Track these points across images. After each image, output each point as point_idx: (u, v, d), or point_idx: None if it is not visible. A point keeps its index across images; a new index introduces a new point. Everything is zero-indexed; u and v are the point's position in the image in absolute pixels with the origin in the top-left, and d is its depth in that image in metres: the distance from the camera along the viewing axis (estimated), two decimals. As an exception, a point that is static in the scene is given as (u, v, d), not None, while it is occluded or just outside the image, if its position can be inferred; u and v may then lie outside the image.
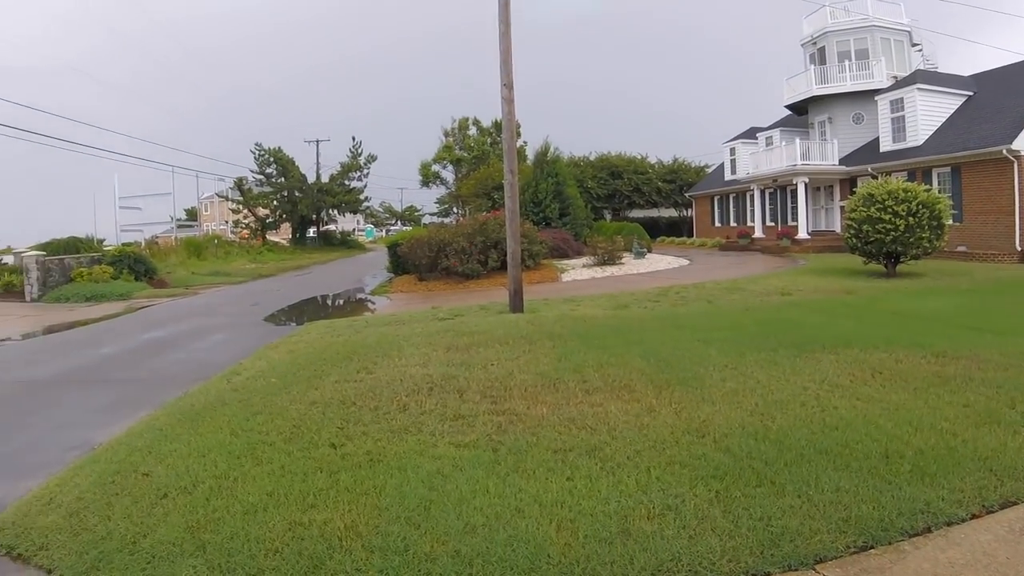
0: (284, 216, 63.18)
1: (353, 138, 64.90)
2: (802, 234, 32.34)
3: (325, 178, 64.50)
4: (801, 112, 37.42)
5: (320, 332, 12.87)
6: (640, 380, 7.25)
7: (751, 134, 41.29)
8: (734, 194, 42.68)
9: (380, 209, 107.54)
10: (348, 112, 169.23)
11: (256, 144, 61.08)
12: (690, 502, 4.32)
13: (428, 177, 67.03)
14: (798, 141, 32.93)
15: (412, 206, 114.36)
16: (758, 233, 36.79)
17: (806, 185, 32.74)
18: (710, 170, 51.49)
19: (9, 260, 32.98)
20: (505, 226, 15.46)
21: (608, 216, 51.53)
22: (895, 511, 4.15)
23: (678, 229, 51.12)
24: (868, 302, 13.64)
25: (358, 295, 24.41)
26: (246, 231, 63.53)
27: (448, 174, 66.37)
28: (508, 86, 14.19)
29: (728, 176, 43.03)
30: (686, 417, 5.96)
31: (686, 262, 28.55)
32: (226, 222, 77.73)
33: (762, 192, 37.74)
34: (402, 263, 25.31)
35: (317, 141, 67.21)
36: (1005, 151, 23.09)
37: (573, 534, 4.02)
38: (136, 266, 31.22)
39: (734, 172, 42.00)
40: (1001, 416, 5.79)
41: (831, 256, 27.28)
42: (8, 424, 8.75)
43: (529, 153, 39.54)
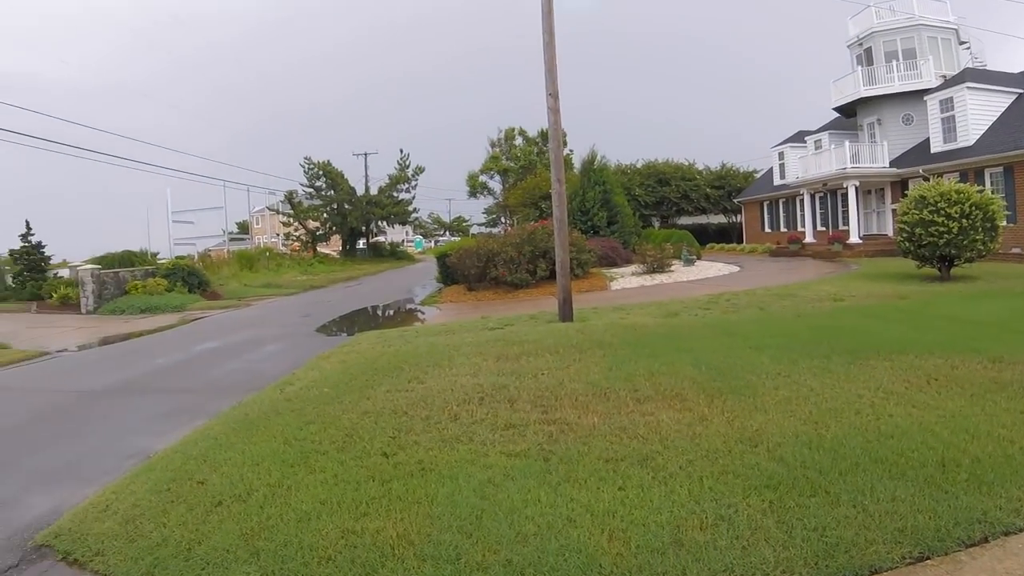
0: (334, 228, 63.71)
1: (401, 150, 65.53)
2: (853, 238, 31.80)
3: (374, 190, 64.93)
4: (849, 114, 36.85)
5: (371, 342, 12.96)
6: (692, 389, 7.19)
7: (799, 138, 40.77)
8: (783, 199, 42.10)
9: (428, 220, 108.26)
10: (395, 124, 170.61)
11: (305, 158, 61.75)
12: (743, 512, 4.29)
13: (475, 188, 67.39)
14: (847, 144, 32.40)
15: (460, 216, 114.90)
16: (809, 238, 36.23)
17: (856, 188, 32.24)
18: (759, 175, 50.77)
19: (65, 274, 33.65)
20: (553, 235, 15.43)
21: (656, 223, 51.18)
22: (951, 521, 4.08)
23: (727, 235, 50.51)
24: (922, 307, 13.38)
25: (408, 305, 24.55)
26: (297, 243, 64.19)
27: (495, 184, 66.65)
28: (554, 95, 14.17)
29: (777, 181, 42.51)
30: (739, 426, 5.90)
31: (736, 268, 28.27)
32: (277, 235, 78.62)
33: (812, 196, 37.17)
34: (451, 273, 25.40)
35: (365, 154, 67.85)
36: (1060, 149, 22.56)
37: (625, 544, 4.02)
38: (189, 279, 31.70)
39: (783, 177, 41.52)
40: (1061, 423, 5.68)
41: (883, 260, 26.86)
42: (66, 433, 8.95)
43: (576, 162, 39.48)
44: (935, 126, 29.87)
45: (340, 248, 67.62)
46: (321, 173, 61.38)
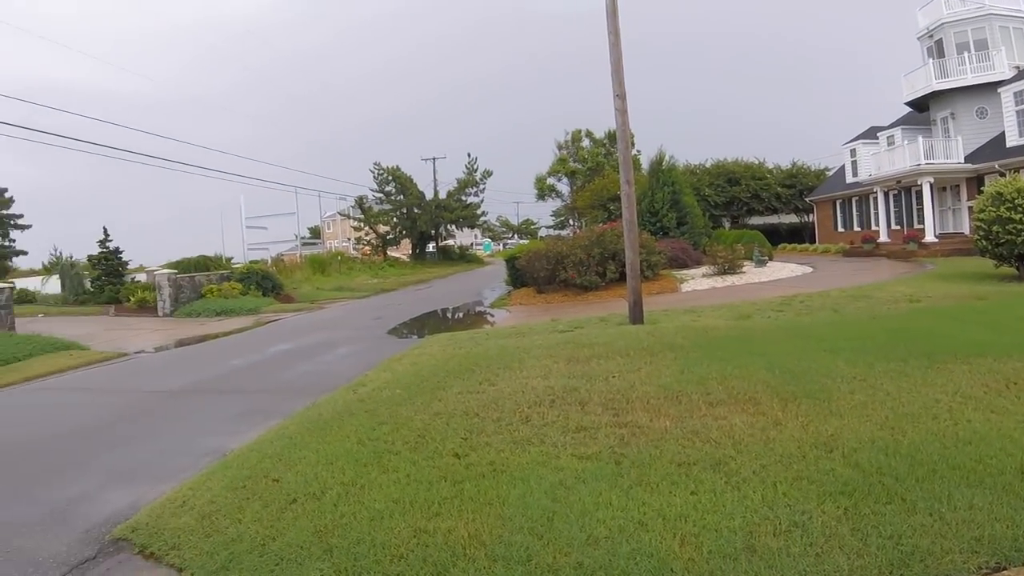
0: (404, 232, 64.37)
1: (469, 154, 65.78)
2: (929, 237, 30.81)
3: (443, 194, 65.44)
4: (922, 109, 35.65)
5: (442, 344, 13.06)
6: (765, 392, 7.08)
7: (871, 134, 39.72)
8: (856, 197, 41.04)
9: (497, 223, 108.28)
10: (463, 129, 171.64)
11: (375, 163, 62.60)
12: (817, 519, 4.20)
13: (543, 190, 67.30)
14: (920, 139, 31.41)
15: (528, 219, 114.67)
16: (883, 237, 35.21)
17: (931, 185, 31.19)
18: (831, 173, 49.58)
19: (142, 278, 34.56)
20: (622, 237, 15.36)
21: (727, 224, 50.54)
22: (1031, 529, 3.95)
23: (799, 235, 49.41)
24: (1000, 308, 12.94)
25: (477, 308, 24.66)
26: (367, 247, 64.92)
27: (563, 186, 66.48)
28: (621, 96, 14.10)
29: (849, 179, 41.48)
30: (813, 431, 5.79)
31: (809, 269, 27.77)
32: (348, 239, 79.48)
33: (885, 194, 36.11)
34: (520, 276, 25.44)
35: (434, 159, 68.46)
36: None
37: (697, 549, 3.97)
38: (264, 282, 32.30)
39: (855, 174, 40.52)
40: None
41: (960, 259, 26.02)
42: (144, 432, 9.21)
43: (644, 162, 39.10)
44: (1010, 119, 28.95)
45: (410, 252, 68.26)
46: (391, 178, 62.10)
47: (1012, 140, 28.91)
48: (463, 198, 64.30)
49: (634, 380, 8.01)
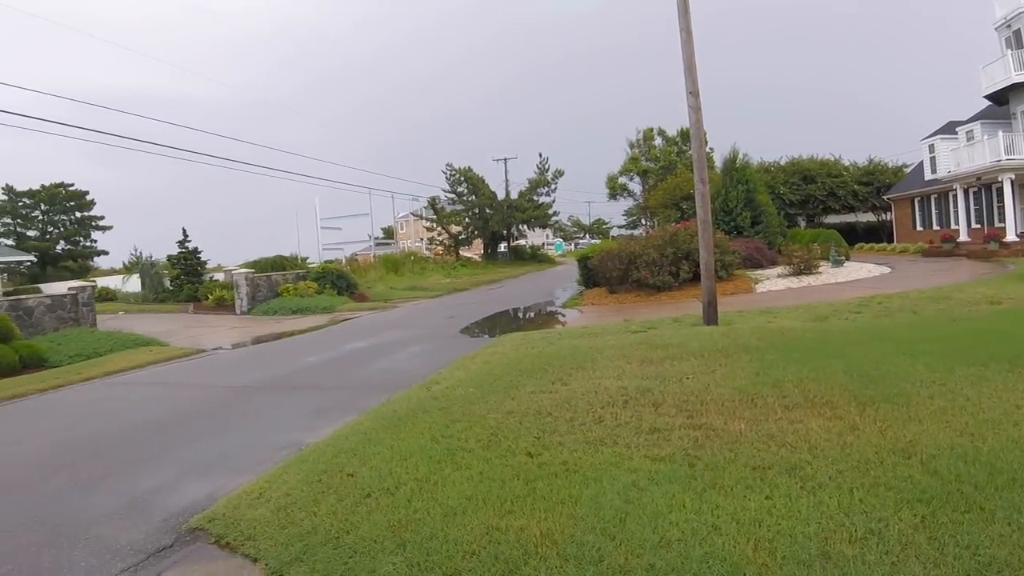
0: (476, 232, 64.80)
1: (540, 154, 66.09)
2: (1011, 236, 29.65)
3: (514, 194, 65.67)
4: (1001, 102, 33.94)
5: (515, 344, 13.10)
6: (842, 396, 6.93)
7: (950, 129, 38.33)
8: (935, 195, 39.70)
9: (568, 223, 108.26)
10: (534, 128, 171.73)
11: (447, 164, 63.23)
12: (894, 526, 4.10)
13: (615, 189, 67.09)
14: (1000, 134, 30.10)
15: (600, 219, 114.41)
16: (963, 236, 33.97)
17: (1012, 181, 29.95)
18: (908, 170, 48.17)
19: (220, 277, 35.55)
20: (695, 237, 15.23)
21: (802, 223, 49.55)
22: (1116, 542, 3.80)
23: (876, 234, 48.15)
24: (1087, 311, 12.53)
25: (549, 308, 24.67)
26: (440, 247, 65.55)
27: (635, 186, 66.21)
28: (694, 94, 13.95)
29: (928, 175, 40.05)
30: (891, 436, 5.65)
31: (887, 270, 27.11)
32: (421, 239, 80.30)
33: (965, 191, 34.78)
34: (592, 276, 25.40)
35: (505, 159, 68.64)
36: None
37: (771, 554, 3.91)
38: (338, 282, 32.85)
39: (934, 171, 39.05)
40: None
41: (1043, 260, 25.23)
42: (221, 425, 9.46)
43: (717, 160, 38.68)
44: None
45: (482, 251, 68.72)
46: (463, 179, 62.57)
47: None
48: (535, 198, 64.41)
49: (708, 382, 7.93)
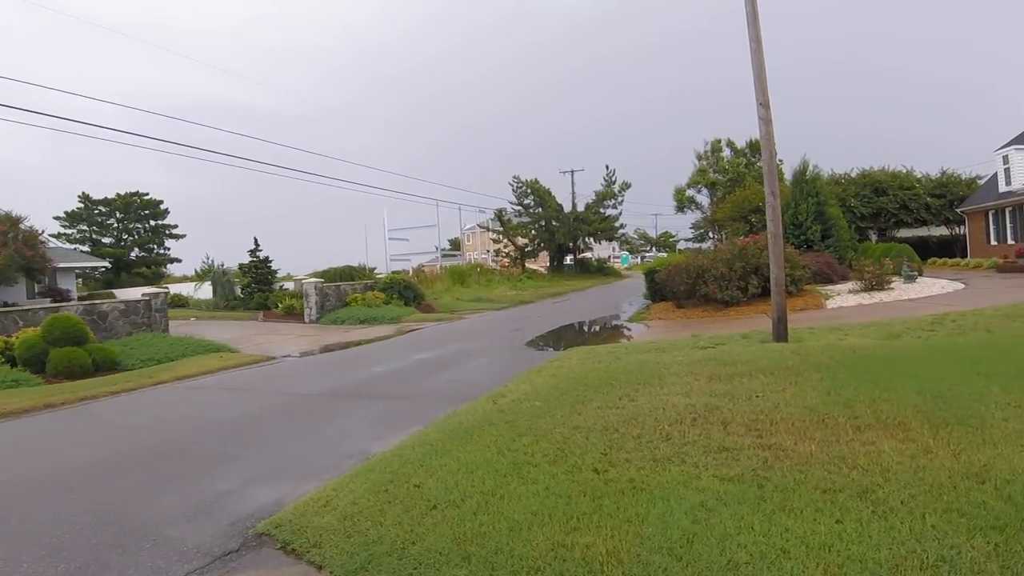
0: (542, 245, 64.91)
1: (607, 166, 66.07)
2: (1088, 250, 28.56)
3: (580, 207, 65.64)
4: None
5: (581, 358, 13.09)
6: (915, 417, 6.76)
7: (1024, 139, 37.28)
8: (1010, 207, 38.27)
9: (635, 236, 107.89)
10: (601, 141, 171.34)
11: (514, 177, 63.49)
12: (966, 554, 3.99)
13: (683, 202, 66.67)
14: None
15: (667, 232, 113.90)
16: (1040, 251, 32.85)
17: (1090, 194, 28.82)
18: (982, 182, 46.34)
19: (289, 286, 36.19)
20: (765, 251, 15.05)
21: (873, 237, 48.49)
22: None
23: (950, 248, 46.78)
24: None
25: (615, 322, 24.58)
26: (506, 259, 65.77)
27: (703, 198, 65.72)
28: (764, 105, 13.79)
29: (1002, 188, 38.66)
30: (965, 460, 5.49)
31: (960, 286, 26.33)
32: (487, 251, 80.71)
33: (1041, 204, 33.65)
34: (659, 290, 25.25)
35: (572, 171, 68.66)
36: None
37: (841, 580, 3.86)
38: (406, 292, 33.25)
39: (1008, 183, 37.73)
40: None
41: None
42: (289, 432, 9.64)
43: (786, 172, 37.96)
44: None
45: (547, 264, 68.78)
46: (529, 191, 62.76)
47: None
48: (601, 210, 64.30)
49: (778, 401, 7.82)
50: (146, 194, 67.00)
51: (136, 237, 67.04)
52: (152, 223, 67.90)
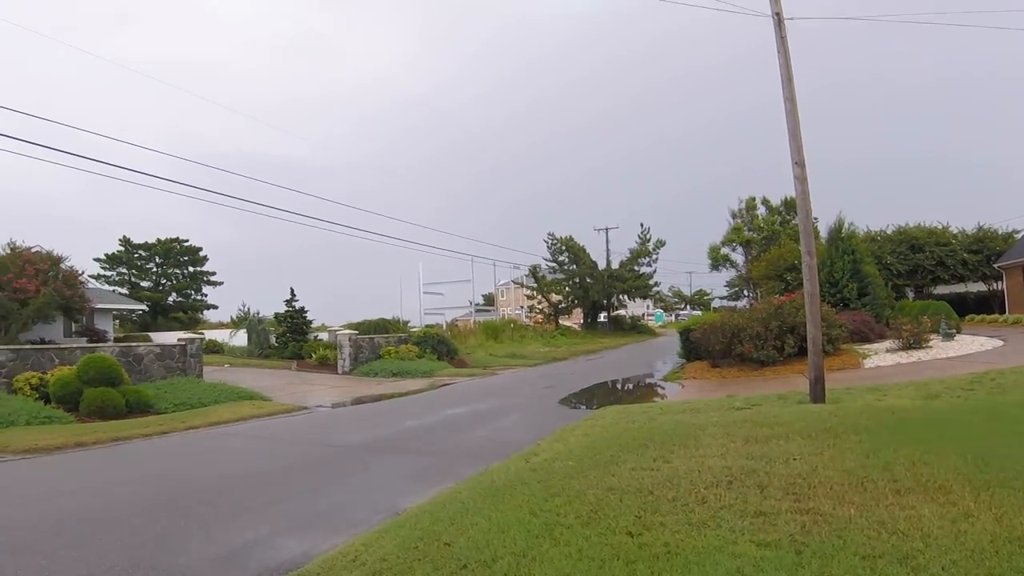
0: (576, 301, 65.02)
1: (641, 224, 65.92)
2: None
3: (615, 264, 65.82)
4: None
5: (615, 417, 12.99)
6: (956, 480, 6.62)
7: (1062, 190, 36.67)
8: (1049, 261, 37.81)
9: (669, 294, 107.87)
10: (636, 199, 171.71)
11: (549, 234, 63.92)
12: (1008, 621, 3.91)
13: (717, 260, 66.69)
14: None
15: (701, 290, 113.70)
16: (1081, 306, 32.16)
17: None
18: (1020, 235, 46.18)
19: (324, 337, 36.44)
20: (801, 309, 14.92)
21: (910, 294, 47.89)
22: None
23: (988, 305, 45.95)
24: None
25: (649, 380, 24.48)
26: (540, 316, 65.93)
27: (737, 256, 65.74)
28: (799, 164, 13.76)
29: None
30: (1007, 524, 5.35)
31: (999, 343, 25.84)
32: (521, 307, 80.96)
33: (1082, 257, 33.00)
34: (694, 348, 25.11)
35: (606, 229, 68.98)
36: None
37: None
38: (439, 346, 33.43)
39: None
40: None
41: None
42: (319, 484, 9.64)
43: (822, 229, 37.74)
44: None
45: (581, 321, 68.75)
46: (564, 248, 63.06)
47: None
48: (636, 268, 64.45)
49: (816, 463, 7.70)
50: (186, 240, 67.95)
51: (174, 282, 67.91)
52: (191, 269, 68.78)
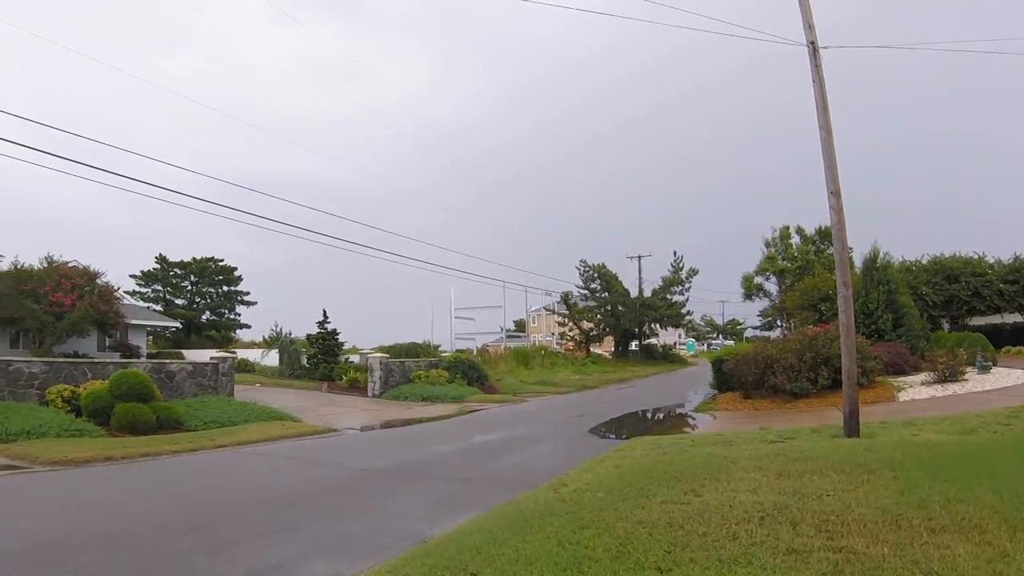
0: (607, 329, 64.95)
1: (674, 252, 65.97)
2: None
3: (647, 292, 65.69)
4: None
5: (645, 448, 12.90)
6: (992, 519, 6.47)
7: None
8: (1088, 290, 36.96)
9: (701, 323, 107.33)
10: (669, 227, 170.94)
11: (581, 261, 64.04)
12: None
13: (750, 289, 66.21)
14: None
15: (734, 319, 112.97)
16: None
17: None
18: None
19: (355, 359, 36.70)
20: (835, 341, 14.76)
21: (946, 325, 47.03)
22: None
23: (1024, 337, 45.56)
24: None
25: (680, 411, 24.35)
26: (571, 343, 65.90)
27: (771, 286, 65.21)
28: (835, 194, 13.63)
29: None
30: (1044, 564, 5.27)
31: (1036, 375, 25.56)
32: (552, 334, 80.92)
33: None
34: (726, 379, 24.86)
35: (639, 257, 68.95)
36: None
37: None
38: (469, 372, 33.53)
39: None
40: None
41: None
42: (346, 507, 9.67)
43: (856, 259, 37.36)
44: None
45: (612, 349, 68.65)
46: (596, 275, 63.10)
47: None
48: (668, 296, 64.30)
49: (850, 500, 7.57)
50: (221, 260, 68.82)
51: (208, 301, 68.66)
52: (225, 288, 69.49)
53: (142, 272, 65.01)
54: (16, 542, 7.59)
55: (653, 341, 71.44)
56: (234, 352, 32.18)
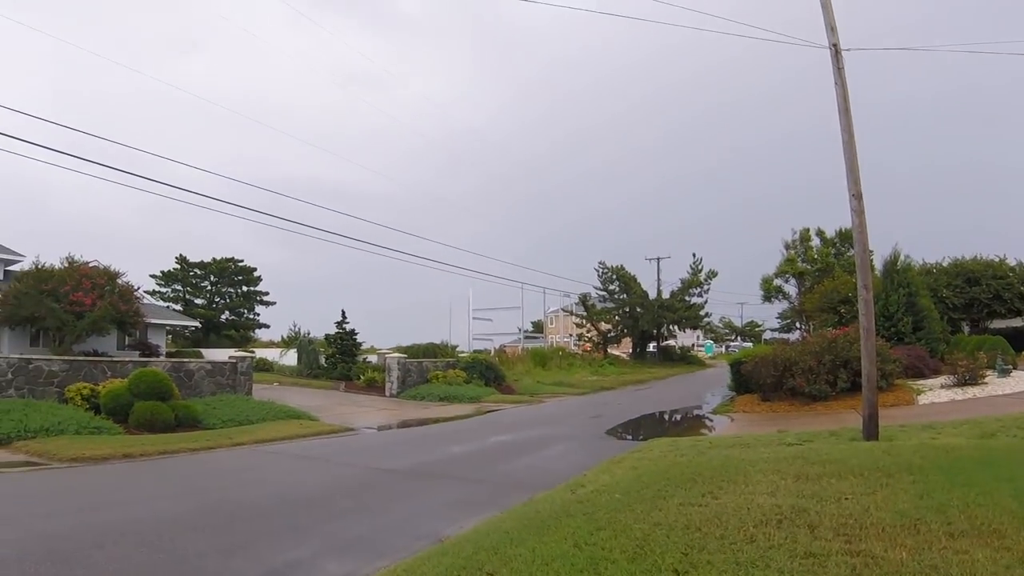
0: (625, 331, 64.78)
1: (694, 255, 65.57)
2: None
3: (665, 294, 65.51)
4: None
5: (663, 450, 12.87)
6: (1011, 524, 6.41)
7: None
8: (1110, 291, 36.52)
9: (720, 325, 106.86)
10: (687, 227, 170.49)
11: (600, 262, 63.88)
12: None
13: (770, 291, 65.84)
14: None
15: (753, 321, 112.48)
16: None
17: None
18: None
19: (373, 359, 36.85)
20: (855, 344, 14.68)
21: (966, 328, 46.58)
22: None
23: (1045, 339, 44.93)
24: None
25: (697, 412, 24.27)
26: (588, 344, 65.84)
27: (790, 288, 64.80)
28: (857, 196, 13.56)
29: None
30: (1064, 570, 5.23)
31: (1057, 380, 25.31)
32: (569, 335, 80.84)
33: None
34: (744, 381, 24.76)
35: (658, 258, 68.72)
36: None
37: None
38: (487, 372, 33.57)
39: None
40: None
41: None
42: (362, 507, 9.69)
43: (876, 261, 37.07)
44: None
45: (630, 350, 68.45)
46: (615, 277, 62.96)
47: None
48: (686, 298, 64.07)
49: (868, 504, 7.53)
50: (241, 260, 69.07)
51: (228, 301, 68.88)
52: (244, 288, 69.66)
53: (162, 272, 65.35)
54: (33, 539, 7.66)
55: (671, 343, 71.29)
56: (253, 351, 32.36)
